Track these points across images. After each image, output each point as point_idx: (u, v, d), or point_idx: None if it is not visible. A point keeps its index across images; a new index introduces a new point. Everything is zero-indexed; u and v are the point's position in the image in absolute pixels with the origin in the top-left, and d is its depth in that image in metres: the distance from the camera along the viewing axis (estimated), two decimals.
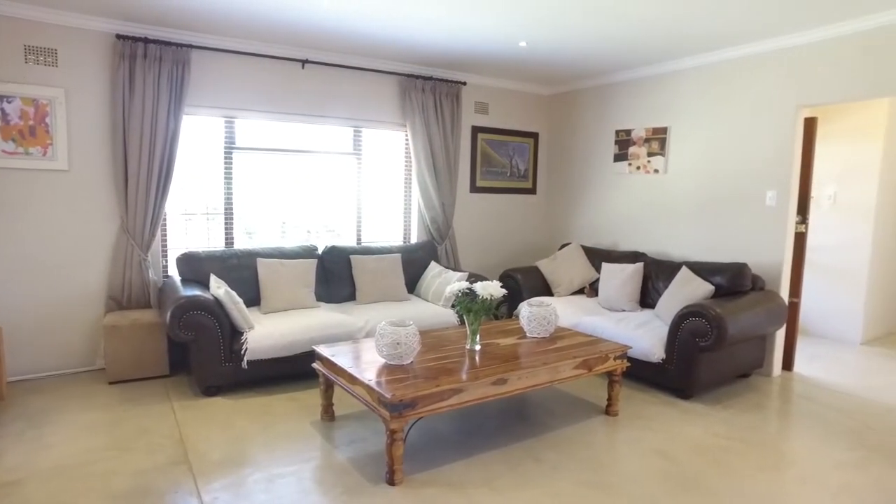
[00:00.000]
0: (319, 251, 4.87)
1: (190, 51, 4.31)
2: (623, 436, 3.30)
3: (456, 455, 3.01)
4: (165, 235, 4.55)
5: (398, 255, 5.02)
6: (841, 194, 5.58)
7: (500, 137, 6.13)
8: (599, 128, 5.81)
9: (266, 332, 3.81)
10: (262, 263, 4.36)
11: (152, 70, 4.15)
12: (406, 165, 5.65)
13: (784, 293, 4.38)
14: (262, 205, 4.97)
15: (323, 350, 3.26)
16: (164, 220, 4.52)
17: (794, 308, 4.52)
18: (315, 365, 3.35)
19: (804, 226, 4.45)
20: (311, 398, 3.77)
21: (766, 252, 4.43)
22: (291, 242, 5.11)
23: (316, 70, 4.97)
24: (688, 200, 4.99)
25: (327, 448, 3.06)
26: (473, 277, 4.83)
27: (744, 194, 4.56)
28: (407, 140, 5.56)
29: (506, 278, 5.32)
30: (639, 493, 2.66)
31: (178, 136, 4.30)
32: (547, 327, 3.57)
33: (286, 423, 3.37)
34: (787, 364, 4.61)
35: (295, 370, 3.94)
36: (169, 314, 3.54)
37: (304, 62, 4.84)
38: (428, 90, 5.41)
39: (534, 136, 6.39)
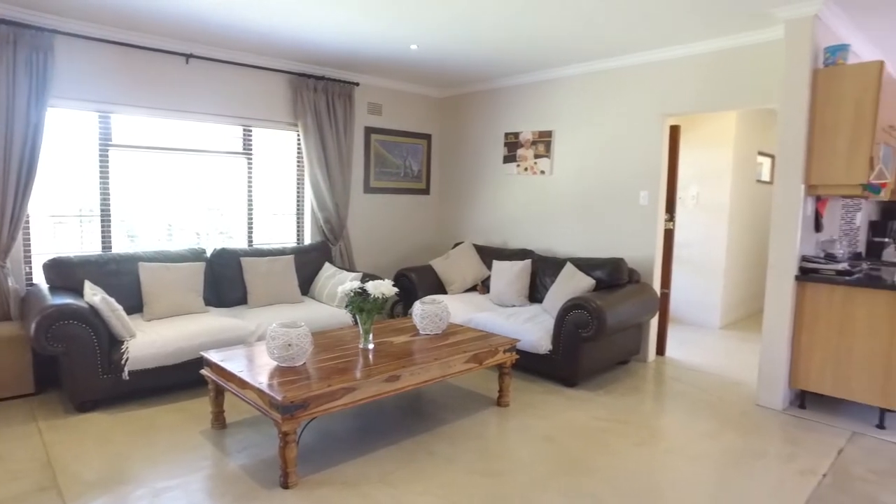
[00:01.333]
0: (208, 254, 4.67)
1: (54, 36, 3.97)
2: (513, 425, 3.47)
3: (351, 453, 3.03)
4: (29, 239, 4.17)
5: (291, 257, 4.94)
6: (703, 195, 6.19)
7: (393, 138, 6.18)
8: (489, 130, 6.03)
9: (149, 340, 3.60)
10: (144, 268, 4.12)
11: (5, 55, 3.78)
12: (299, 166, 5.55)
13: (656, 285, 4.79)
14: (146, 206, 4.69)
15: (212, 355, 3.15)
16: (27, 222, 4.14)
17: (665, 298, 4.95)
18: (204, 371, 3.23)
19: (672, 223, 4.89)
20: (200, 407, 3.62)
21: (640, 247, 4.82)
22: (179, 245, 4.86)
23: (202, 65, 4.77)
24: (571, 200, 5.31)
25: (218, 456, 2.96)
26: (367, 277, 4.85)
27: (620, 195, 4.94)
28: (299, 140, 5.46)
29: (400, 278, 5.39)
30: (527, 478, 2.82)
31: (42, 130, 3.94)
32: (439, 324, 3.67)
33: (173, 434, 3.22)
34: (661, 349, 5.05)
35: (182, 379, 3.76)
36: (34, 325, 3.25)
37: (188, 56, 4.63)
38: (320, 90, 5.35)
39: (427, 137, 6.51)
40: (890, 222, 5.69)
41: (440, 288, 5.48)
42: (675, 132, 4.81)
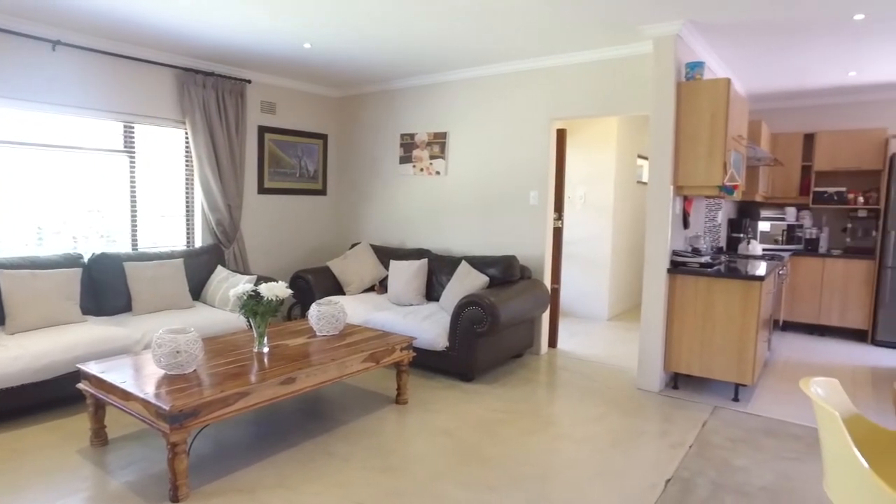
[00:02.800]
0: (85, 259, 4.34)
1: None
2: (412, 421, 3.54)
3: (247, 460, 2.96)
4: None
5: (180, 261, 4.71)
6: (589, 195, 6.60)
7: (288, 138, 6.06)
8: (386, 131, 6.07)
9: (14, 355, 3.30)
10: (5, 276, 3.76)
11: None
12: (187, 165, 5.29)
13: (547, 281, 5.05)
14: (9, 208, 4.27)
15: (90, 368, 2.95)
16: None
17: (555, 293, 5.23)
18: (81, 385, 3.01)
19: (560, 222, 5.18)
20: (78, 424, 3.37)
21: (531, 245, 5.06)
22: (51, 250, 4.48)
23: (72, 54, 4.42)
24: (466, 200, 5.47)
25: (99, 476, 2.78)
26: (262, 280, 4.73)
27: (512, 194, 5.16)
28: (187, 138, 5.21)
29: (297, 280, 5.31)
30: (425, 471, 2.89)
31: None
32: (336, 325, 3.67)
33: (45, 456, 2.97)
34: (553, 342, 5.33)
35: (57, 395, 3.48)
36: None
37: (55, 43, 4.27)
38: (209, 86, 5.14)
39: (323, 137, 6.44)
40: (745, 220, 6.37)
41: (338, 289, 5.44)
42: (561, 135, 5.10)
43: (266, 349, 3.29)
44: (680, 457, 3.11)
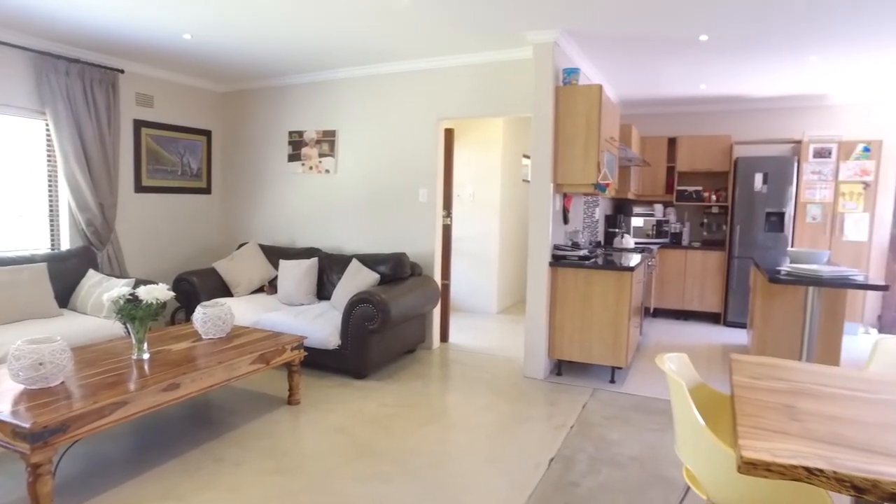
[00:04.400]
0: None
1: None
2: (304, 420, 3.51)
3: (128, 473, 2.79)
4: None
5: (43, 265, 4.31)
6: (478, 193, 6.82)
7: (168, 133, 5.72)
8: (274, 128, 5.92)
9: None
10: None
11: None
12: (50, 160, 4.84)
13: (437, 277, 5.18)
14: None
15: None
16: None
17: (445, 289, 5.38)
18: None
19: (449, 219, 5.33)
20: None
21: (421, 242, 5.17)
22: None
23: None
24: (356, 198, 5.48)
25: None
26: (141, 283, 4.45)
27: (402, 193, 5.23)
28: (49, 131, 4.77)
29: (181, 282, 5.04)
30: (319, 469, 2.89)
31: None
32: (223, 327, 3.55)
33: None
34: (444, 336, 5.47)
35: None
36: None
37: None
38: (74, 74, 4.74)
39: (207, 133, 6.15)
40: (619, 216, 6.90)
41: (225, 291, 5.24)
42: (449, 135, 5.24)
43: (146, 356, 3.12)
44: (562, 437, 3.34)
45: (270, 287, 5.36)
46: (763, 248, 6.30)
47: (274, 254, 5.52)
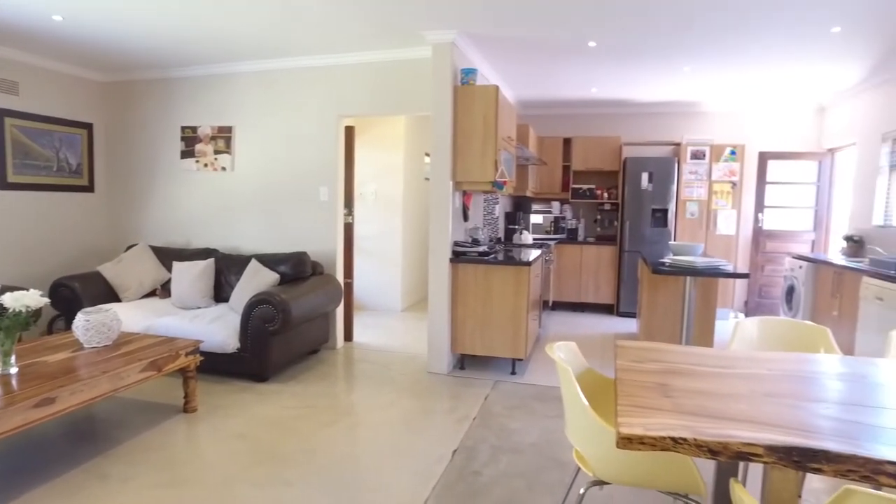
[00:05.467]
0: None
1: None
2: (202, 428, 3.36)
3: None
4: None
5: None
6: (380, 191, 6.82)
7: (39, 125, 5.24)
8: (165, 123, 5.60)
9: None
10: None
11: None
12: None
13: (340, 276, 5.13)
14: None
15: None
16: None
17: (349, 288, 5.33)
18: None
19: (351, 217, 5.29)
20: None
21: (322, 241, 5.09)
22: None
23: None
24: (255, 197, 5.30)
25: None
26: (8, 290, 4.05)
27: (302, 191, 5.13)
28: None
29: (59, 288, 4.65)
30: (217, 477, 2.78)
31: None
32: (108, 335, 3.32)
33: None
34: (348, 335, 5.43)
35: None
36: None
37: None
38: None
39: (87, 126, 5.70)
40: (519, 213, 7.15)
41: (112, 296, 4.89)
42: (350, 132, 5.20)
43: (14, 369, 2.86)
44: (465, 429, 3.43)
45: (164, 291, 5.07)
46: (650, 243, 6.78)
47: (167, 255, 5.22)
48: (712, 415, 1.53)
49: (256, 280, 4.48)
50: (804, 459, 1.33)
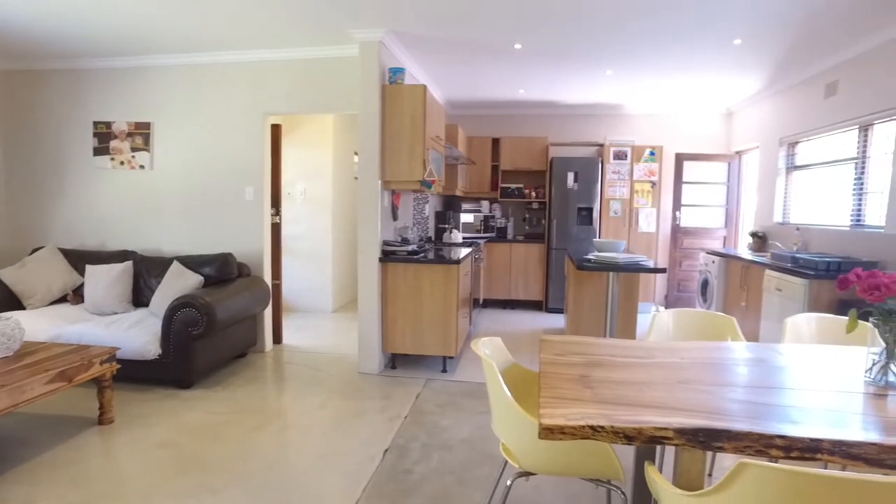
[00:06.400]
0: None
1: None
2: (120, 440, 3.19)
3: None
4: None
5: None
6: (309, 190, 6.70)
7: None
8: (75, 117, 5.26)
9: None
10: None
11: None
12: None
13: (268, 277, 5.00)
14: None
15: None
16: None
17: (277, 289, 5.21)
18: None
19: (278, 217, 5.17)
20: None
21: (248, 242, 4.95)
22: None
23: None
24: (176, 196, 5.08)
25: None
26: None
27: (227, 190, 4.96)
28: None
29: None
30: (136, 490, 2.66)
31: None
32: (9, 345, 3.10)
33: None
34: (277, 338, 5.30)
35: None
36: None
37: None
38: None
39: None
40: (449, 212, 7.21)
41: (15, 303, 4.56)
42: (276, 130, 5.08)
43: None
44: (396, 428, 3.43)
45: (75, 296, 4.77)
46: (576, 240, 7.01)
47: (79, 258, 4.92)
48: (629, 403, 1.61)
49: (179, 283, 4.30)
50: (709, 439, 1.42)
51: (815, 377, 1.87)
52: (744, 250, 5.99)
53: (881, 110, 4.16)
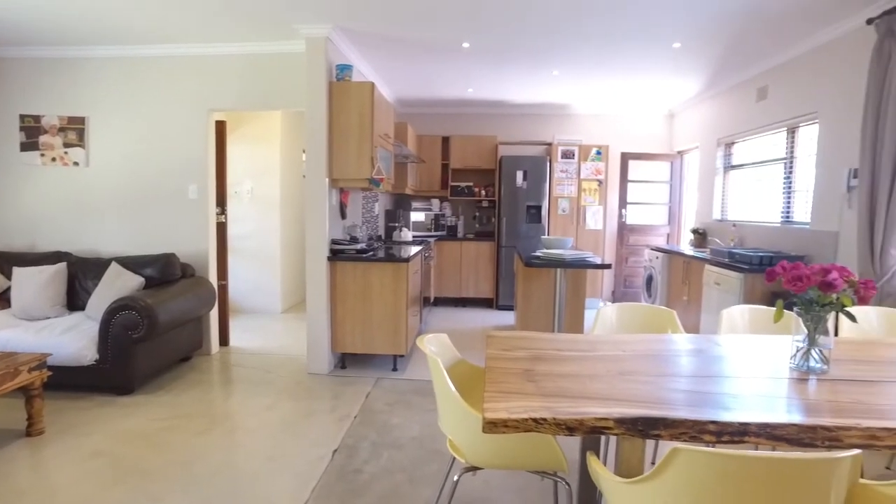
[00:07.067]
0: None
1: None
2: (52, 452, 3.04)
3: None
4: None
5: None
6: (256, 189, 6.55)
7: None
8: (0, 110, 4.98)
9: None
10: None
11: None
12: None
13: (213, 278, 4.87)
14: None
15: None
16: None
17: (223, 290, 5.08)
18: None
19: (224, 216, 5.04)
20: None
21: (193, 241, 4.80)
22: None
23: None
24: (115, 195, 4.88)
25: None
26: None
27: (169, 188, 4.80)
28: None
29: None
30: (67, 502, 2.54)
31: None
32: None
33: None
34: (224, 340, 5.17)
35: None
36: None
37: None
38: None
39: None
40: (399, 210, 7.20)
41: None
42: (221, 127, 4.95)
43: None
44: (346, 427, 3.40)
45: (0, 300, 4.51)
46: (525, 238, 7.10)
47: (5, 260, 4.65)
48: (572, 395, 1.65)
49: (118, 284, 4.13)
50: (647, 428, 1.47)
51: (748, 365, 1.96)
52: (686, 246, 6.21)
53: (805, 114, 4.39)
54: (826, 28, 4.06)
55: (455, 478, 2.02)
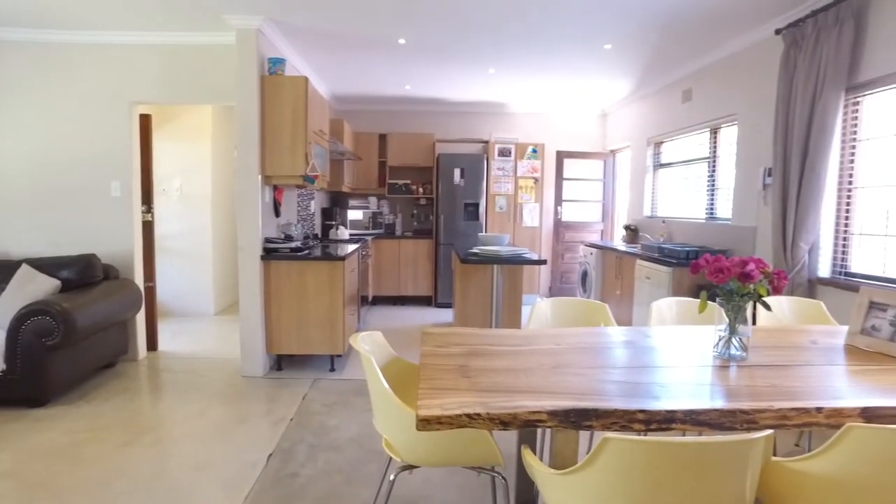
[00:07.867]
0: None
1: None
2: None
3: None
4: None
5: None
6: (186, 186, 6.28)
7: None
8: None
9: None
10: None
11: None
12: None
13: (139, 279, 4.63)
14: None
15: None
16: None
17: (150, 292, 4.84)
18: None
19: (150, 215, 4.80)
20: None
21: (116, 241, 4.55)
22: None
23: None
24: (25, 192, 4.55)
25: None
26: None
27: (88, 185, 4.53)
28: None
29: None
30: None
31: None
32: None
33: None
34: (152, 345, 4.93)
35: None
36: None
37: None
38: None
39: None
40: (335, 208, 7.08)
41: None
42: (145, 121, 4.71)
43: None
44: (282, 431, 3.31)
45: None
46: (463, 236, 7.14)
47: None
48: (505, 389, 1.66)
49: (29, 288, 3.86)
50: (579, 419, 1.50)
51: (675, 355, 2.03)
52: (618, 242, 6.41)
53: (725, 116, 4.62)
54: (740, 37, 4.28)
55: (391, 477, 1.99)
